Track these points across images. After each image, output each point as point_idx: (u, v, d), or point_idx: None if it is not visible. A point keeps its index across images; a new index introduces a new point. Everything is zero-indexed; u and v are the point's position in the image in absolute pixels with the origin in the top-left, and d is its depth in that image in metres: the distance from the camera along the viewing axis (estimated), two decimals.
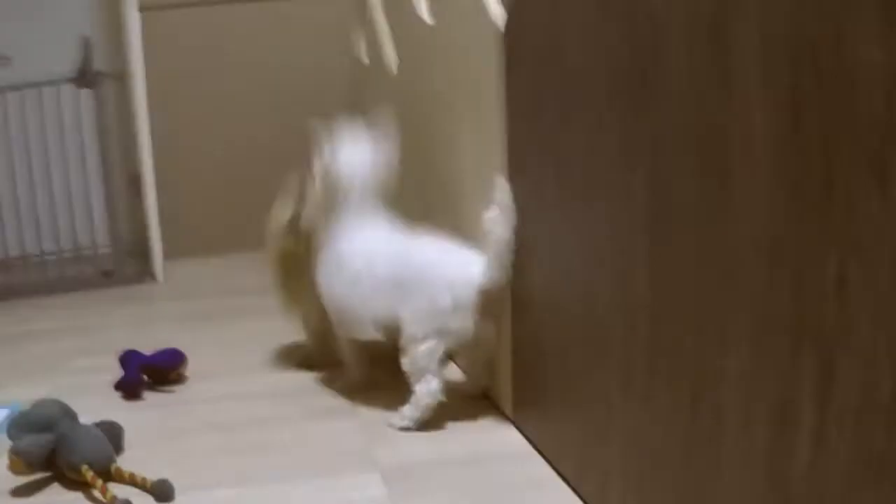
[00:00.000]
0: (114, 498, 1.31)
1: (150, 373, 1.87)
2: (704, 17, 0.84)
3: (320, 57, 3.40)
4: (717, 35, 0.81)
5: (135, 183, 3.33)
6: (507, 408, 1.58)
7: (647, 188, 0.97)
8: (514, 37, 1.40)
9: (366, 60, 2.80)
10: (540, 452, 1.42)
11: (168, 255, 3.34)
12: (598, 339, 1.14)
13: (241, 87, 3.44)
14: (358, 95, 3.04)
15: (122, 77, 3.26)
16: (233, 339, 2.28)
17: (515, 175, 1.44)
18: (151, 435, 1.62)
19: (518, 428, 1.53)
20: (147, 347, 1.93)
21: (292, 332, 2.05)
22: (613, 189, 1.06)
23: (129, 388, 1.83)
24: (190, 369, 1.95)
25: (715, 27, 0.82)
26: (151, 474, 1.38)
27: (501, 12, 1.47)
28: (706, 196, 0.85)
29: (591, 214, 1.14)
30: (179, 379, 1.92)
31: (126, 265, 3.30)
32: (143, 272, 3.32)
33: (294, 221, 1.83)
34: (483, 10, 1.52)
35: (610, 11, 1.04)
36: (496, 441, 1.50)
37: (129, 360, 1.86)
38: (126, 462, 1.46)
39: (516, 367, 1.52)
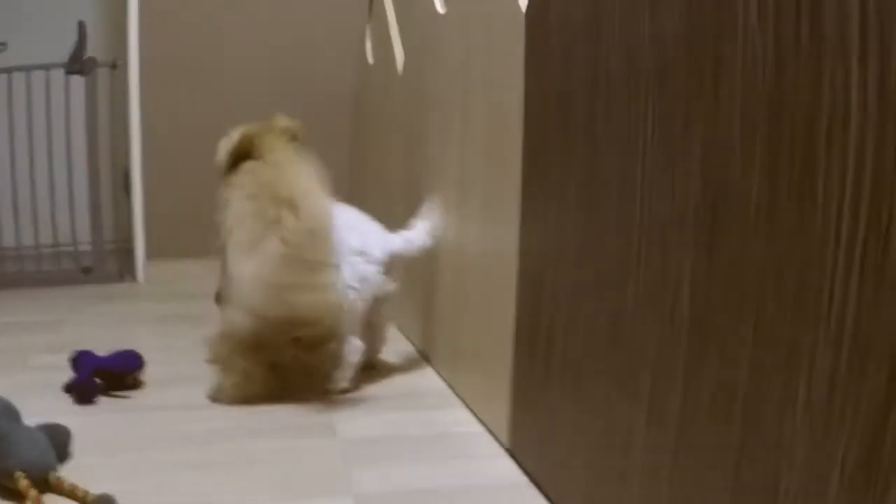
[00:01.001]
0: None
1: (103, 376, 1.69)
2: None
3: (325, 53, 3.26)
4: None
5: (124, 178, 3.18)
6: (503, 436, 1.41)
7: (699, 182, 0.81)
8: (538, 21, 1.25)
9: (370, 59, 2.65)
10: (539, 487, 1.25)
11: (150, 254, 3.18)
12: (623, 362, 0.98)
13: (239, 83, 3.29)
14: (362, 96, 2.89)
15: (115, 66, 3.10)
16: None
17: (533, 177, 1.28)
18: (102, 444, 1.44)
19: (514, 458, 1.36)
20: (116, 347, 1.76)
21: None
22: (656, 186, 0.90)
23: (81, 392, 1.65)
24: (151, 374, 1.77)
25: None
26: (96, 488, 1.20)
27: None
28: (775, 188, 0.70)
29: (624, 216, 0.98)
30: (136, 384, 1.74)
31: (107, 263, 3.15)
32: (124, 271, 3.16)
33: None
34: None
35: None
36: (489, 472, 1.34)
37: (82, 361, 1.68)
38: (70, 472, 1.28)
39: (517, 392, 1.35)
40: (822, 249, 0.65)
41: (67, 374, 1.70)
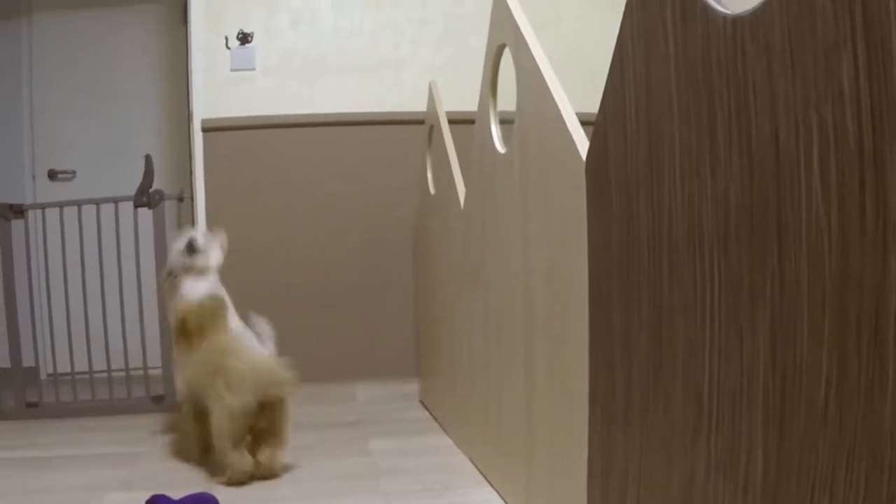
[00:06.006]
0: None
1: None
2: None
3: (386, 184, 3.32)
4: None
5: None
6: None
7: (768, 354, 0.81)
8: (599, 170, 1.26)
9: (432, 190, 2.69)
10: None
11: None
12: None
13: (302, 210, 3.36)
14: (423, 223, 2.93)
15: (181, 198, 3.20)
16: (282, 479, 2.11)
17: (598, 323, 1.27)
18: None
19: None
20: (187, 482, 1.77)
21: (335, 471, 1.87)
22: (724, 353, 0.90)
23: None
24: None
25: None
26: None
27: (583, 139, 1.34)
28: (844, 368, 0.69)
29: (691, 380, 0.97)
30: None
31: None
32: None
33: None
34: (562, 138, 1.39)
35: (719, 137, 0.90)
36: None
37: None
38: None
39: None
40: (895, 435, 0.64)
41: None
